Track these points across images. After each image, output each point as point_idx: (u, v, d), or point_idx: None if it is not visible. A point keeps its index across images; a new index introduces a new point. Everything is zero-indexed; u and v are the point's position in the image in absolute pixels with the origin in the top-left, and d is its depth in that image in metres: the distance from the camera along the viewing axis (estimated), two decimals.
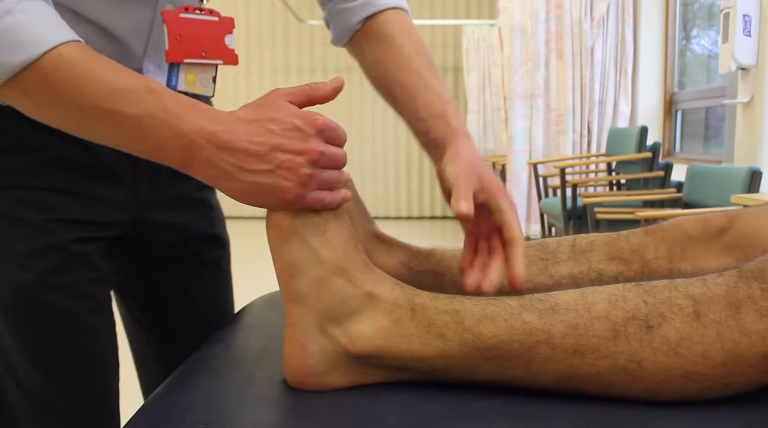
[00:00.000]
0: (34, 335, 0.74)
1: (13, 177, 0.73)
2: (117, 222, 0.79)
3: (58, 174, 0.74)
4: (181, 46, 0.73)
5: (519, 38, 4.30)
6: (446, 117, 0.75)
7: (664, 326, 0.50)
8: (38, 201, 0.73)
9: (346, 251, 0.57)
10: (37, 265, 0.73)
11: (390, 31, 0.81)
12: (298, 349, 0.56)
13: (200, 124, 0.55)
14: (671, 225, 0.70)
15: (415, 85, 0.78)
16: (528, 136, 4.37)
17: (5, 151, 0.73)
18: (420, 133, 0.78)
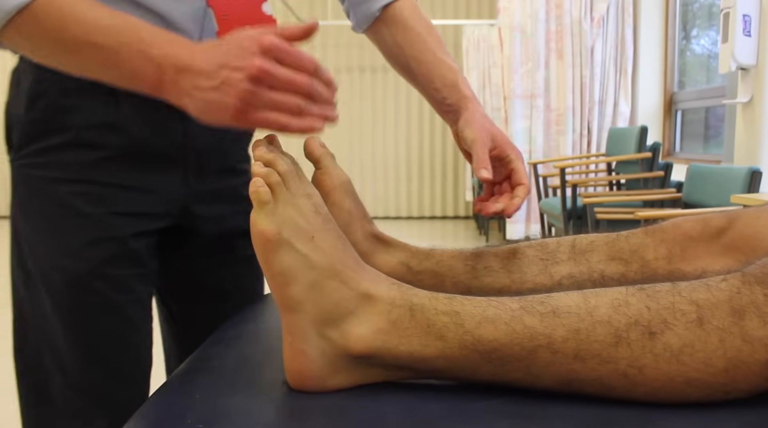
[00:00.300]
0: (81, 323, 0.79)
1: (76, 171, 0.79)
2: (167, 214, 0.85)
3: (116, 168, 0.80)
4: (228, 24, 0.80)
5: (519, 38, 4.30)
6: (457, 85, 0.89)
7: (667, 332, 0.50)
8: (98, 195, 0.79)
9: (337, 253, 0.57)
10: (91, 256, 0.79)
11: (405, 16, 0.94)
12: (298, 355, 0.56)
13: (167, 50, 0.62)
14: (671, 226, 0.70)
15: (429, 60, 0.91)
16: (528, 136, 4.37)
17: (68, 147, 0.79)
18: (436, 100, 0.91)
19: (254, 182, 0.54)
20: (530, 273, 0.72)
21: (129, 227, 0.81)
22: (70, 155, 0.79)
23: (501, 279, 0.73)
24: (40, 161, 0.80)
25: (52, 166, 0.79)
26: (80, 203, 0.79)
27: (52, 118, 0.79)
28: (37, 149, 0.80)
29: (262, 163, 0.56)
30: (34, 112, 0.79)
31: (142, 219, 0.82)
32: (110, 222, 0.80)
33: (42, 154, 0.79)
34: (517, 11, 4.29)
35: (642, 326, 0.50)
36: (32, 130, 0.80)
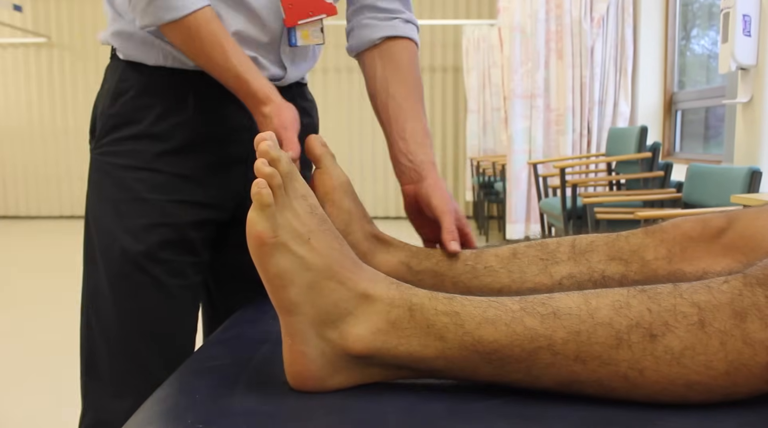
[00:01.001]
0: (129, 297, 0.87)
1: (142, 160, 0.89)
2: (225, 207, 0.94)
3: (180, 160, 0.90)
4: (294, 11, 0.89)
5: (519, 38, 4.30)
6: (425, 147, 0.90)
7: (668, 335, 0.50)
8: (160, 183, 0.89)
9: (333, 254, 0.57)
10: (149, 239, 0.87)
11: (401, 57, 0.96)
12: (298, 357, 0.55)
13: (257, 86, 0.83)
14: (671, 226, 0.70)
15: (409, 109, 0.92)
16: (528, 136, 4.37)
17: (138, 138, 0.89)
18: (399, 151, 0.91)
19: (258, 183, 0.54)
20: (530, 273, 0.72)
21: (186, 215, 0.89)
22: (139, 145, 0.89)
23: (501, 279, 0.73)
24: (114, 149, 0.90)
25: (122, 154, 0.90)
26: (143, 188, 0.88)
27: (129, 112, 0.90)
28: (113, 139, 0.90)
29: (266, 161, 0.55)
30: (116, 106, 0.90)
31: (200, 209, 0.90)
32: (168, 210, 0.89)
33: (116, 144, 0.90)
34: (517, 11, 4.29)
35: (643, 328, 0.50)
36: (111, 122, 0.90)
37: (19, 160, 7.03)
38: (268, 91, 0.82)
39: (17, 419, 2.07)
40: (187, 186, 0.90)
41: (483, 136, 5.96)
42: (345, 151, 6.60)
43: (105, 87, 0.94)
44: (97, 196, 0.91)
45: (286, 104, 0.83)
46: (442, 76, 6.68)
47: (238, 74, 0.82)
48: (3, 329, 3.12)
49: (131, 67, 0.91)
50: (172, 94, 0.90)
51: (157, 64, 0.90)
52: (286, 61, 0.96)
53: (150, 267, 0.87)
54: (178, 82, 0.90)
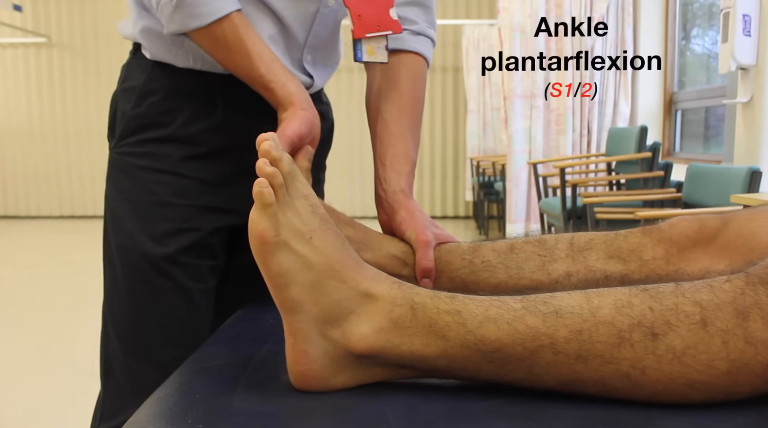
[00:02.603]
0: (153, 303, 0.86)
1: (166, 163, 0.88)
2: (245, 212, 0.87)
3: (205, 166, 0.88)
4: (362, 24, 0.87)
5: (519, 38, 4.30)
6: (401, 175, 0.86)
7: (670, 334, 0.50)
8: (183, 187, 0.88)
9: (335, 253, 0.57)
10: (172, 243, 0.86)
11: (402, 76, 0.92)
12: (301, 356, 0.55)
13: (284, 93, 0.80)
14: (667, 226, 0.70)
15: (395, 132, 0.88)
16: (528, 135, 4.37)
17: (163, 141, 0.88)
18: (377, 177, 0.88)
19: (259, 182, 0.54)
20: (527, 270, 0.72)
21: (208, 221, 0.88)
22: (165, 148, 0.88)
23: (498, 274, 0.73)
24: (137, 151, 0.89)
25: (146, 155, 0.88)
26: (166, 193, 0.87)
27: (156, 114, 0.88)
28: (136, 140, 0.89)
29: (268, 161, 0.55)
30: (141, 108, 0.89)
31: (221, 215, 0.89)
32: (191, 215, 0.88)
33: (140, 145, 0.88)
34: (517, 11, 4.29)
35: (645, 327, 0.50)
36: (137, 123, 0.89)
37: (19, 160, 7.03)
38: (293, 97, 0.80)
39: (17, 418, 2.07)
40: (210, 191, 0.89)
41: (483, 136, 5.96)
42: (345, 151, 6.61)
43: (128, 85, 0.92)
44: (117, 195, 0.90)
45: (302, 114, 0.78)
46: (442, 76, 6.68)
47: (266, 83, 0.80)
48: (3, 329, 3.12)
49: (159, 68, 0.89)
50: (200, 97, 0.89)
51: (186, 66, 0.89)
52: (310, 68, 0.94)
53: (172, 272, 0.86)
54: (207, 85, 0.89)
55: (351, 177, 6.67)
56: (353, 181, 6.66)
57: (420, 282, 0.75)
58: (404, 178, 0.86)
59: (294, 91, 0.80)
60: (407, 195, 0.84)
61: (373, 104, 0.91)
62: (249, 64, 0.80)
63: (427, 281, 0.75)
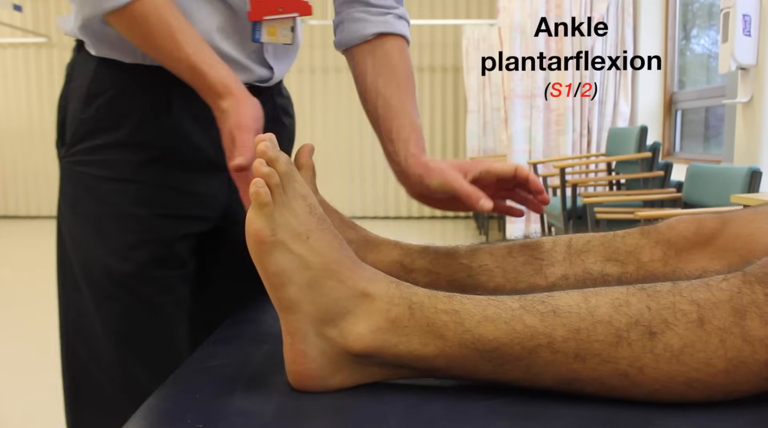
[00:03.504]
0: (122, 321, 0.81)
1: (124, 171, 0.81)
2: (210, 218, 0.87)
3: (164, 170, 0.82)
4: (260, 5, 0.82)
5: (519, 38, 4.30)
6: (408, 143, 0.83)
7: (668, 332, 0.50)
8: (145, 196, 0.81)
9: (332, 253, 0.57)
10: (137, 257, 0.81)
11: (393, 54, 0.89)
12: (299, 356, 0.56)
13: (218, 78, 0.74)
14: (665, 227, 0.70)
15: (396, 105, 0.86)
16: (528, 135, 4.37)
17: (118, 146, 0.81)
18: (389, 154, 0.85)
19: (256, 182, 0.54)
20: (525, 274, 0.72)
21: (174, 229, 0.83)
22: (120, 154, 0.81)
23: (495, 278, 0.73)
24: (90, 159, 0.81)
25: (100, 164, 0.81)
26: (127, 204, 0.81)
27: (107, 117, 0.81)
28: (88, 147, 0.81)
29: (264, 162, 0.55)
30: (89, 110, 0.81)
31: (187, 222, 0.84)
32: (156, 224, 0.81)
33: (92, 152, 0.81)
34: (517, 11, 4.29)
35: (642, 326, 0.50)
36: (85, 128, 0.82)
37: (19, 160, 7.03)
38: (228, 81, 0.72)
39: (17, 418, 2.07)
40: (172, 197, 0.83)
41: (483, 136, 5.95)
42: (345, 151, 6.61)
43: (73, 86, 0.84)
44: (72, 210, 0.84)
45: (249, 99, 0.73)
46: (442, 76, 6.68)
47: (192, 65, 0.72)
48: (3, 329, 3.12)
49: (105, 65, 0.81)
50: (153, 96, 0.81)
51: (134, 62, 0.81)
52: (271, 59, 0.89)
53: (140, 288, 0.81)
54: (159, 82, 0.81)
55: (351, 177, 6.67)
56: (353, 181, 6.66)
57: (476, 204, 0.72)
58: (411, 143, 0.83)
59: (227, 75, 0.73)
60: (418, 156, 0.82)
61: (370, 85, 0.88)
62: (172, 45, 0.72)
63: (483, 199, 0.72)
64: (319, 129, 6.61)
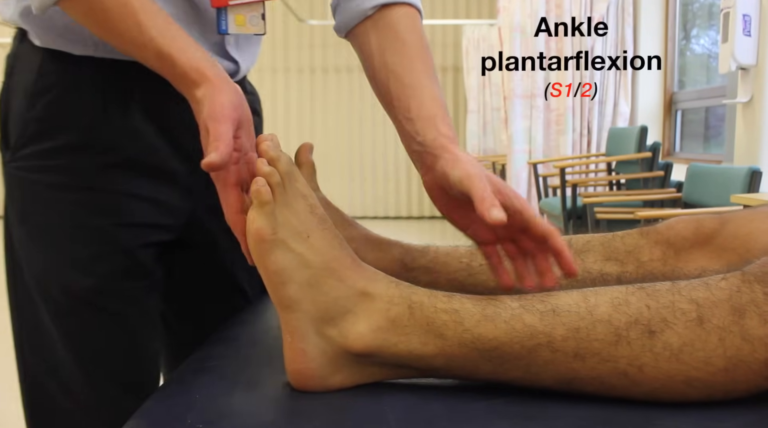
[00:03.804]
0: (85, 339, 0.75)
1: (81, 177, 0.73)
2: (175, 227, 0.80)
3: (123, 176, 0.74)
4: None
5: (519, 38, 4.30)
6: (435, 120, 0.69)
7: (667, 331, 0.50)
8: (104, 205, 0.74)
9: (333, 252, 0.57)
10: (97, 271, 0.74)
11: (400, 25, 0.77)
12: (298, 355, 0.56)
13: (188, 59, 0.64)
14: (664, 228, 0.70)
15: (412, 83, 0.73)
16: (528, 135, 4.37)
17: (73, 150, 0.72)
18: (407, 135, 0.71)
19: (257, 181, 0.54)
20: None
21: (136, 239, 0.76)
22: (75, 159, 0.73)
23: None
24: (41, 164, 0.73)
25: (54, 170, 0.73)
26: (84, 213, 0.73)
27: (56, 116, 0.72)
28: (38, 151, 0.73)
29: (266, 161, 0.56)
30: (36, 109, 0.72)
31: (149, 230, 0.77)
32: (117, 235, 0.74)
33: (43, 157, 0.73)
34: (517, 11, 4.29)
35: (642, 325, 0.50)
36: (33, 129, 0.73)
37: None
38: (201, 65, 0.62)
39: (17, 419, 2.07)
40: (133, 206, 0.75)
41: (483, 136, 5.95)
42: (345, 151, 6.60)
43: (15, 80, 0.75)
44: (22, 220, 0.75)
45: (226, 84, 0.62)
46: (442, 76, 6.67)
47: (159, 50, 0.62)
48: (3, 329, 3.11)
49: (53, 57, 0.72)
50: (108, 93, 0.73)
51: (85, 54, 0.72)
52: (233, 51, 0.80)
53: (103, 302, 0.74)
54: (114, 76, 0.73)
55: (351, 177, 6.67)
56: (353, 180, 6.66)
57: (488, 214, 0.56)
58: (440, 121, 0.69)
59: (201, 58, 0.63)
60: (451, 139, 0.68)
61: (378, 63, 0.76)
62: (135, 29, 0.62)
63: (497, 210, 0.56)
64: (319, 129, 6.61)
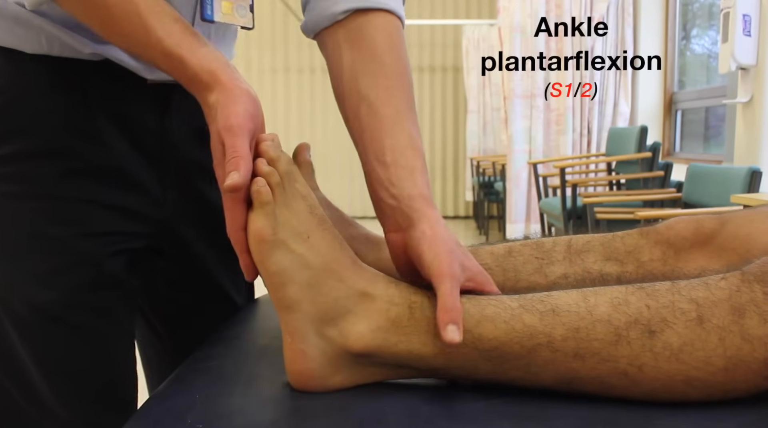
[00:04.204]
0: (56, 357, 0.70)
1: (39, 185, 0.68)
2: (143, 233, 0.75)
3: (85, 183, 0.69)
4: None
5: (519, 38, 4.30)
6: (414, 173, 0.62)
7: (667, 331, 0.50)
8: (66, 214, 0.69)
9: (333, 253, 0.57)
10: (61, 284, 0.69)
11: (377, 41, 0.67)
12: (299, 356, 0.56)
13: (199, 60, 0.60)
14: (664, 228, 0.70)
15: (388, 117, 0.64)
16: (528, 135, 4.37)
17: (31, 156, 0.67)
18: (377, 180, 0.63)
19: (257, 181, 0.54)
20: (525, 273, 0.72)
21: (102, 248, 0.70)
22: (34, 166, 0.67)
23: (495, 277, 0.73)
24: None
25: (9, 178, 0.67)
26: (44, 223, 0.68)
27: (13, 120, 0.67)
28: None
29: (265, 161, 0.55)
30: None
31: (116, 238, 0.72)
32: (80, 245, 0.69)
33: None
34: (517, 11, 4.29)
35: (642, 324, 0.50)
36: None
37: None
38: (213, 67, 0.58)
39: None
40: (96, 214, 0.70)
41: (483, 136, 5.96)
42: (344, 151, 6.60)
43: None
44: None
45: (241, 90, 0.57)
46: (442, 76, 6.68)
47: (167, 51, 0.58)
48: None
49: (3, 56, 0.67)
50: (66, 94, 0.68)
51: (38, 52, 0.67)
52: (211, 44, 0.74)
53: (70, 316, 0.69)
54: (72, 77, 0.68)
55: (351, 177, 6.67)
56: (353, 180, 6.66)
57: (443, 329, 0.52)
58: (419, 176, 0.62)
59: (214, 59, 0.59)
60: (429, 201, 0.61)
61: (349, 87, 0.66)
62: (142, 29, 0.58)
63: (453, 329, 0.51)
64: (319, 129, 6.61)
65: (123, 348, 0.76)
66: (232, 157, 0.53)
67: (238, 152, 0.53)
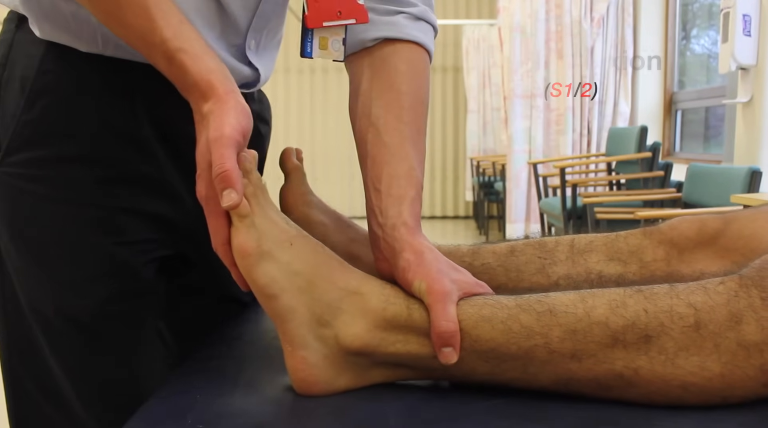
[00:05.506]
0: (82, 361, 0.69)
1: (82, 192, 0.67)
2: (173, 240, 0.75)
3: (123, 190, 0.68)
4: (319, 9, 0.66)
5: (519, 38, 4.30)
6: (402, 202, 0.62)
7: (663, 336, 0.50)
8: (102, 221, 0.68)
9: (318, 256, 0.57)
10: (95, 292, 0.68)
11: (399, 71, 0.68)
12: (301, 363, 0.55)
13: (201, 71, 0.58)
14: (667, 228, 0.70)
15: (392, 146, 0.65)
16: (528, 135, 4.37)
17: (76, 160, 0.66)
18: (370, 207, 0.64)
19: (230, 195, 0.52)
20: (527, 273, 0.72)
21: (136, 256, 0.70)
22: (75, 171, 0.66)
23: (498, 277, 0.73)
24: (35, 174, 0.66)
25: (50, 181, 0.66)
26: (80, 231, 0.67)
27: (58, 122, 0.65)
28: (33, 158, 0.66)
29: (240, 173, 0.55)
30: (34, 110, 0.65)
31: (151, 246, 0.72)
32: (116, 253, 0.68)
33: (38, 166, 0.66)
34: (517, 11, 4.29)
35: (638, 328, 0.50)
36: (29, 133, 0.66)
37: None
38: (212, 78, 0.57)
39: None
40: (132, 222, 0.69)
41: (483, 136, 5.96)
42: (344, 152, 6.60)
43: (14, 74, 0.66)
44: (10, 233, 0.68)
45: (235, 102, 0.56)
46: (442, 76, 6.68)
47: (170, 54, 0.56)
48: None
49: (55, 53, 0.65)
50: (115, 97, 0.66)
51: (93, 52, 0.65)
52: (254, 57, 0.74)
53: (101, 325, 0.68)
54: (122, 79, 0.67)
55: (351, 177, 6.67)
56: (353, 180, 6.66)
57: (438, 350, 0.53)
58: (407, 205, 0.62)
59: (215, 69, 0.58)
60: (412, 229, 0.61)
61: (362, 109, 0.69)
62: (147, 26, 0.57)
63: (449, 351, 0.52)
64: (319, 129, 6.61)
65: (149, 355, 0.75)
66: (221, 172, 0.52)
67: (225, 165, 0.52)
